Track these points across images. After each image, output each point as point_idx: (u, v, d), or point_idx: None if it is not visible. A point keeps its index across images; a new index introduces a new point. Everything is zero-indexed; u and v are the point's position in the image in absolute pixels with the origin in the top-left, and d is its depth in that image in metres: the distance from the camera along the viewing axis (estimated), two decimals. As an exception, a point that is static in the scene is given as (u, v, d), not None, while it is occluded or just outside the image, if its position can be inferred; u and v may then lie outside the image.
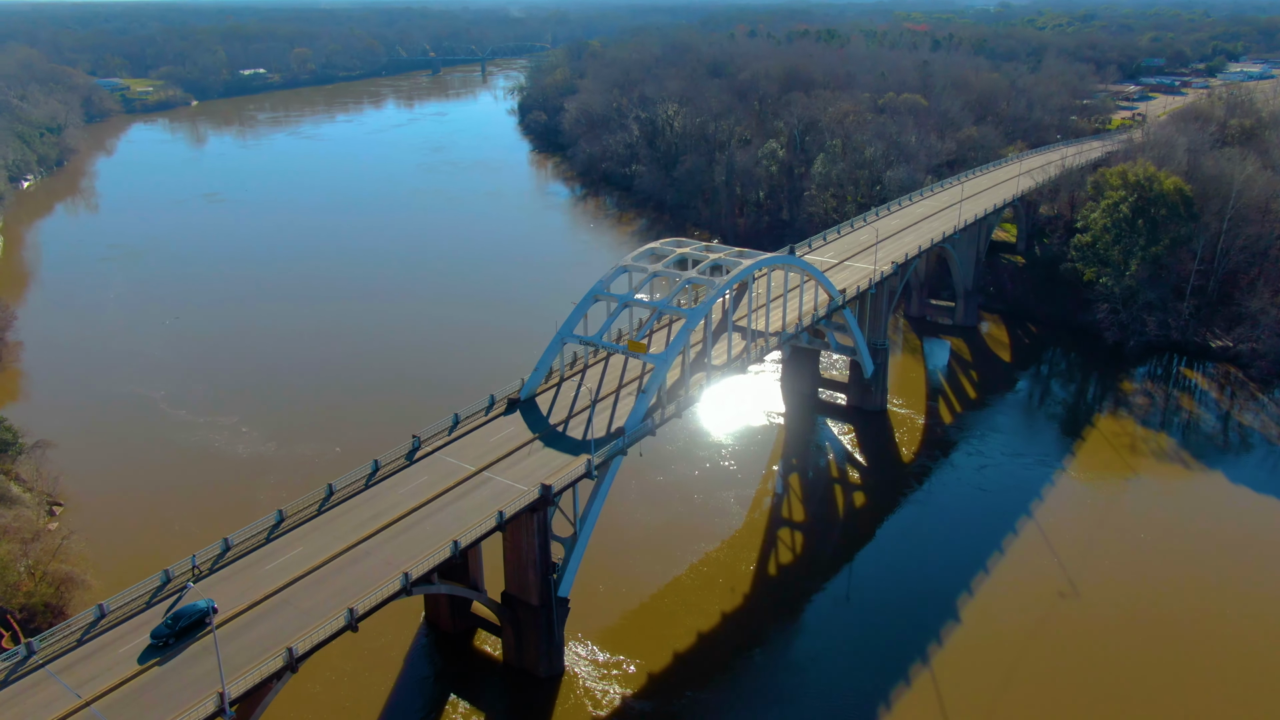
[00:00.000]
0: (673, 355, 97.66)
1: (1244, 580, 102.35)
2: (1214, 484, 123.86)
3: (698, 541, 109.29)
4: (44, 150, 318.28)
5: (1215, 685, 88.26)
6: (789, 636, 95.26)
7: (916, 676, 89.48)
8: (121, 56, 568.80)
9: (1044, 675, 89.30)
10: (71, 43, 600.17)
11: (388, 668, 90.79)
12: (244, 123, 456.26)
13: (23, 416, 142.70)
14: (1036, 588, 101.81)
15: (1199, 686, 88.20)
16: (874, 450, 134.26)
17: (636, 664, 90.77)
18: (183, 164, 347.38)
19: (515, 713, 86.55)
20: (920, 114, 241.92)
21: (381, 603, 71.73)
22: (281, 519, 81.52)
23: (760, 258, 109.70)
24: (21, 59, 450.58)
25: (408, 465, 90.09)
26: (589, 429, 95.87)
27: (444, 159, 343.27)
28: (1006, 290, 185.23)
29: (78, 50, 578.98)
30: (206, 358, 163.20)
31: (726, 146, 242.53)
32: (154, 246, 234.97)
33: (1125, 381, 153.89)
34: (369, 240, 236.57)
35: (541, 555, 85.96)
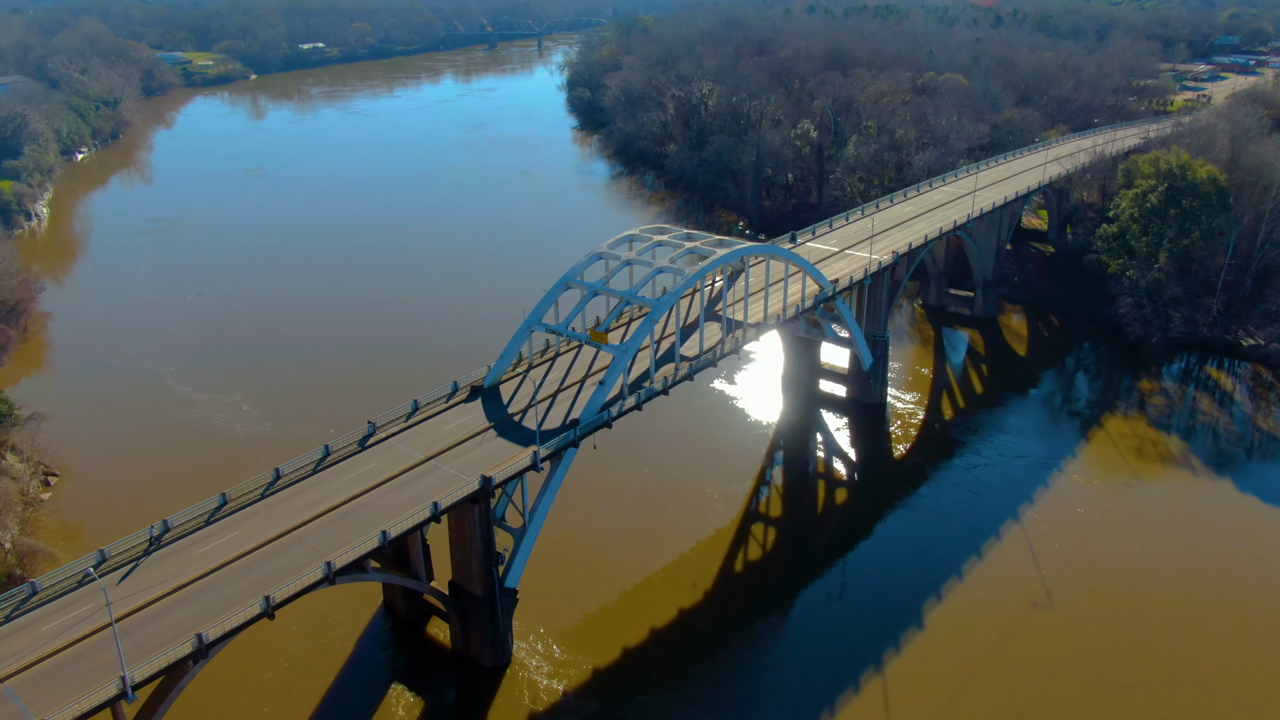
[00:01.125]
0: (634, 346, 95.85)
1: (1232, 600, 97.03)
2: (1220, 492, 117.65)
3: (674, 539, 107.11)
4: (98, 123, 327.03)
5: (1173, 709, 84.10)
6: (748, 643, 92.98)
7: (867, 685, 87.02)
8: (187, 30, 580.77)
9: (997, 690, 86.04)
10: (142, 16, 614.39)
11: (341, 654, 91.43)
12: (297, 97, 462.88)
13: (35, 387, 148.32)
14: (1009, 596, 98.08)
15: (1156, 710, 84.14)
16: (866, 446, 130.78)
17: (589, 662, 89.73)
18: (231, 138, 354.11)
19: (457, 702, 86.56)
20: (959, 95, 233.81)
21: (301, 591, 71.94)
22: (225, 501, 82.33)
23: (738, 247, 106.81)
24: (88, 33, 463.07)
25: (359, 451, 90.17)
26: (546, 419, 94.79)
27: (484, 136, 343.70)
28: (1031, 281, 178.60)
29: (147, 24, 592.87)
30: (221, 334, 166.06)
31: (757, 126, 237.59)
32: (191, 220, 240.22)
33: (1144, 380, 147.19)
34: (400, 217, 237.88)
35: (484, 546, 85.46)
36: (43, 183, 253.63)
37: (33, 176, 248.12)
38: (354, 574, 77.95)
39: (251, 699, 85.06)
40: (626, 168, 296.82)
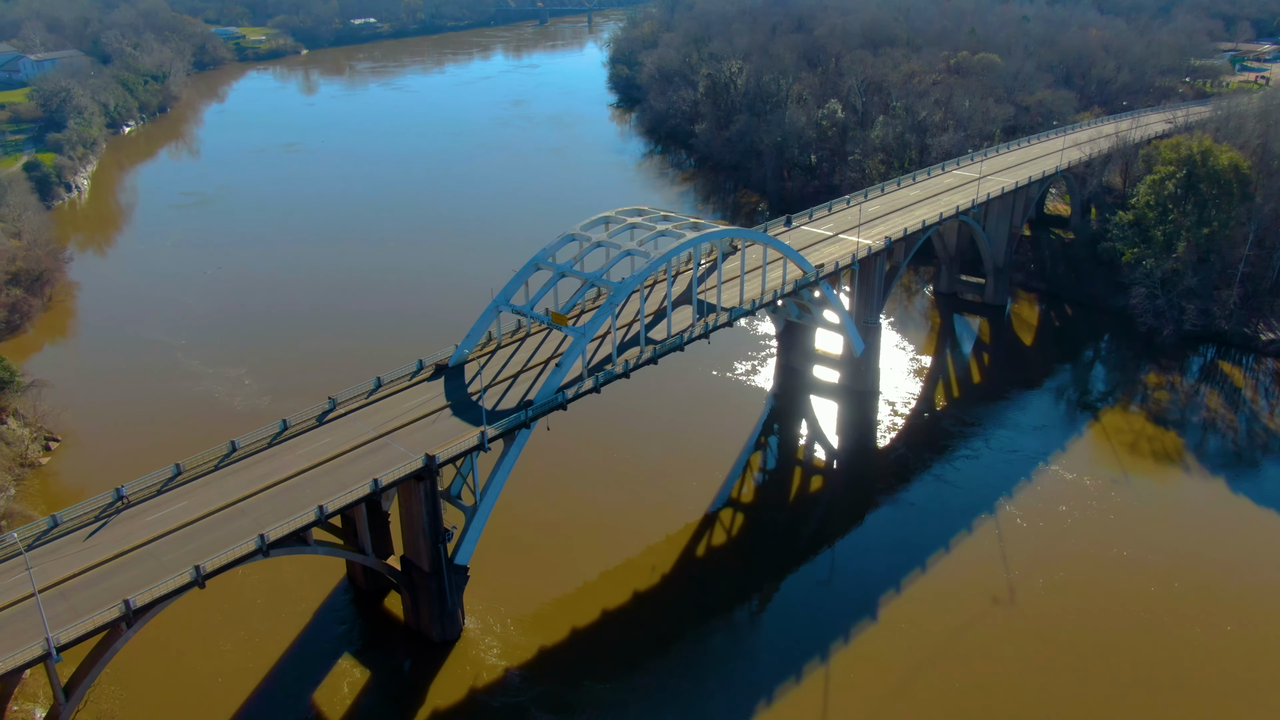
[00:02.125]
0: (593, 329, 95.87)
1: (1203, 607, 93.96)
2: (1210, 492, 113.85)
3: (643, 526, 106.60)
4: (146, 97, 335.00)
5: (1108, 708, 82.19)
6: (702, 634, 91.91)
7: (809, 675, 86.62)
8: (243, 5, 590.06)
9: (939, 686, 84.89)
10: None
11: (300, 625, 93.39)
12: (345, 73, 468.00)
13: (50, 354, 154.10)
14: (971, 592, 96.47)
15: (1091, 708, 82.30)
16: (852, 435, 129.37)
17: (541, 644, 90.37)
18: (274, 113, 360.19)
19: (403, 675, 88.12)
20: (992, 76, 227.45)
21: (234, 562, 73.75)
22: (179, 472, 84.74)
23: (709, 231, 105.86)
24: (145, 8, 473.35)
25: (316, 427, 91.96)
26: (504, 400, 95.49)
27: (520, 113, 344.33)
28: (1047, 269, 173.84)
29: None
30: (234, 308, 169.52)
31: (783, 106, 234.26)
32: (223, 195, 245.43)
33: (1150, 373, 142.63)
34: (425, 193, 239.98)
35: (430, 522, 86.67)
36: (85, 155, 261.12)
37: (75, 149, 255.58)
38: (295, 546, 79.72)
39: (209, 669, 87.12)
40: (658, 146, 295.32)
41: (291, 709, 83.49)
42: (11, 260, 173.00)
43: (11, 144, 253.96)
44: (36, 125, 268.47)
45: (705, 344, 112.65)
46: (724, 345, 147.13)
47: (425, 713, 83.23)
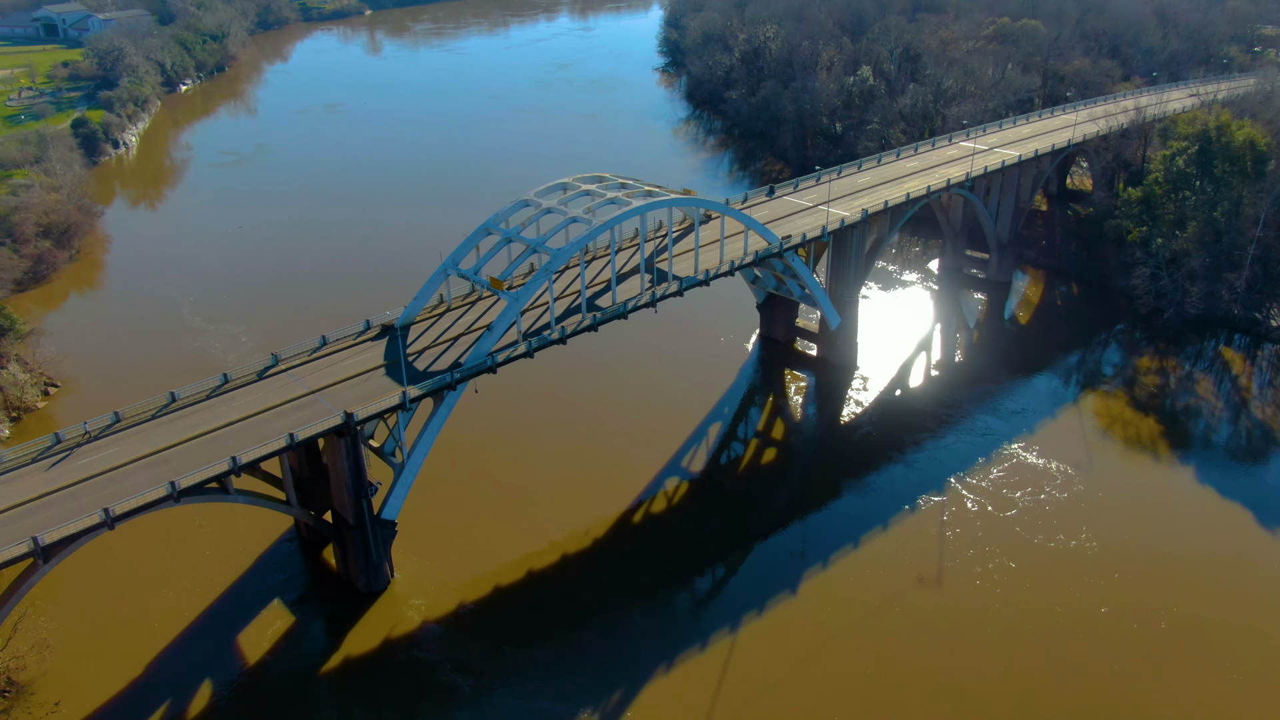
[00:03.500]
0: (526, 295, 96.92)
1: (1135, 602, 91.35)
2: (1176, 483, 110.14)
3: (594, 495, 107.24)
4: (203, 56, 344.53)
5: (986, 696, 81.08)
6: (625, 607, 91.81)
7: (715, 644, 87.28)
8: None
9: (838, 665, 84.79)
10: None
11: (239, 573, 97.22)
12: (403, 34, 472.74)
13: (66, 305, 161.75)
14: (898, 572, 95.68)
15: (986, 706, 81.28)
16: (818, 409, 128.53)
17: (468, 604, 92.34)
18: (325, 73, 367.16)
19: (324, 622, 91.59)
20: (1030, 43, 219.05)
21: (145, 506, 77.50)
22: (117, 419, 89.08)
23: (658, 200, 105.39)
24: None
25: (255, 381, 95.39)
26: (439, 361, 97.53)
27: (564, 76, 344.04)
28: (1058, 246, 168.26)
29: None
30: (248, 266, 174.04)
31: (811, 72, 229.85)
32: (260, 154, 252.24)
33: (1145, 357, 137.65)
34: (453, 155, 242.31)
35: (353, 477, 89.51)
36: (136, 113, 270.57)
37: (126, 107, 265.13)
38: (216, 495, 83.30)
39: (146, 610, 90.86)
40: (695, 112, 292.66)
41: (215, 648, 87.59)
42: (46, 213, 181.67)
43: (67, 101, 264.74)
44: (93, 84, 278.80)
45: (696, 314, 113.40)
46: (710, 315, 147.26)
47: (337, 659, 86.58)
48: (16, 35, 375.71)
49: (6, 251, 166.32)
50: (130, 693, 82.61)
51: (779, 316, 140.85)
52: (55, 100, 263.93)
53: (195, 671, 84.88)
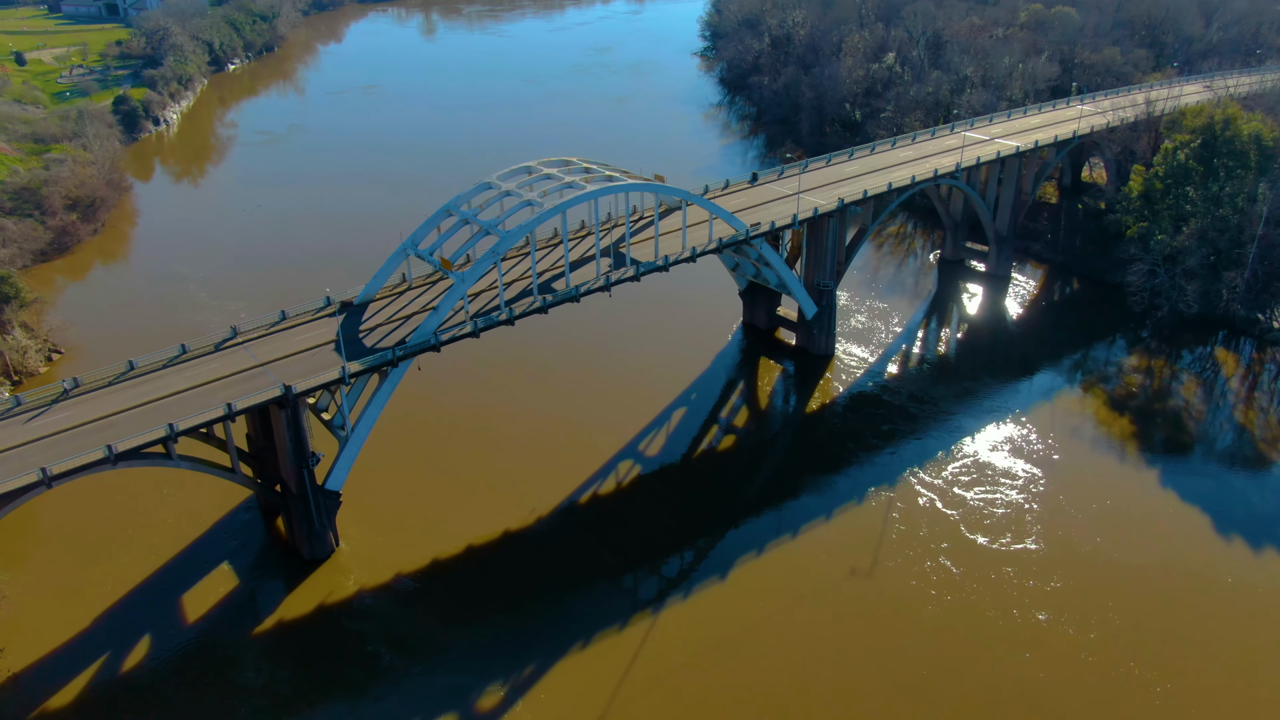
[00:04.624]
0: (473, 276, 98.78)
1: (1075, 607, 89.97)
2: (1138, 486, 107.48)
3: (546, 480, 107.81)
4: (252, 37, 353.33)
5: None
6: (558, 593, 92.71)
7: (635, 625, 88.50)
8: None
9: (748, 657, 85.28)
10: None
11: (194, 536, 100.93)
12: (454, 16, 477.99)
13: (86, 276, 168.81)
14: (831, 563, 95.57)
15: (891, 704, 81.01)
16: (786, 399, 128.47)
17: (405, 577, 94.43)
18: (370, 55, 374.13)
19: (265, 587, 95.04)
20: (1057, 30, 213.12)
21: (82, 468, 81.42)
22: (76, 384, 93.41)
23: (616, 185, 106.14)
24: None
25: (212, 353, 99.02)
26: (388, 338, 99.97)
27: (601, 60, 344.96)
28: (1062, 240, 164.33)
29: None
30: (259, 245, 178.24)
31: (835, 58, 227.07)
32: (291, 134, 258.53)
33: (1133, 356, 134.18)
34: (475, 139, 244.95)
35: (294, 448, 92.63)
36: (179, 92, 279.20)
37: (169, 85, 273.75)
38: (158, 460, 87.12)
39: (99, 573, 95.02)
40: (727, 97, 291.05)
41: (161, 607, 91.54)
42: (77, 187, 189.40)
43: (113, 79, 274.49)
44: (140, 62, 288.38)
45: (683, 300, 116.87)
46: (696, 302, 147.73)
47: (271, 622, 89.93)
48: (81, 14, 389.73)
49: (32, 223, 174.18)
50: (73, 644, 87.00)
51: (760, 304, 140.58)
52: (103, 78, 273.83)
53: (137, 627, 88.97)
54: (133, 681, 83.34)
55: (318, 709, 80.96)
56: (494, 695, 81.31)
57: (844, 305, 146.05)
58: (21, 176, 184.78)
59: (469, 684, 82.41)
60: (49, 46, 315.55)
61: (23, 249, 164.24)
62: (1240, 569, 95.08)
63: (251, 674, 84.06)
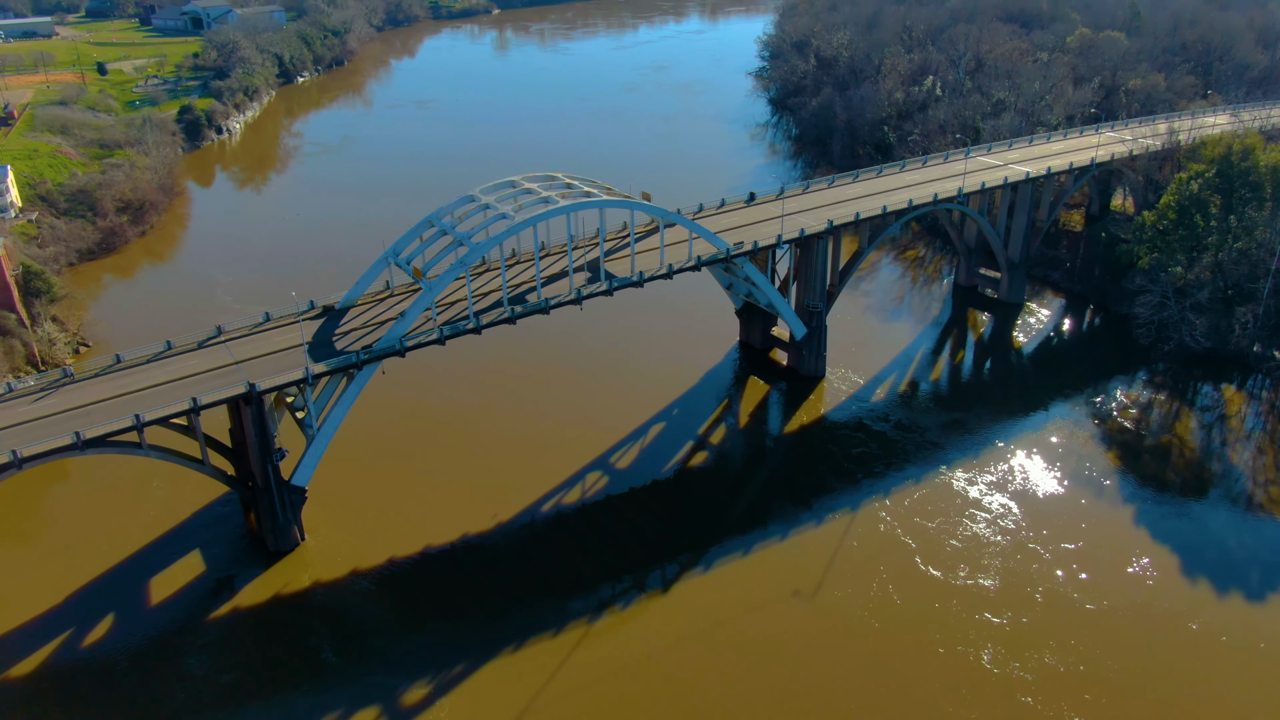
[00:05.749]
0: (440, 285, 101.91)
1: (1026, 644, 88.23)
2: (1110, 525, 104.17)
3: (515, 489, 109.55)
4: (322, 51, 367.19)
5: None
6: (504, 602, 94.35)
7: (568, 632, 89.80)
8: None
9: (669, 672, 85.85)
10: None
11: (172, 524, 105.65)
12: (523, 33, 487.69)
13: (126, 274, 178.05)
14: (774, 584, 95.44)
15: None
16: (768, 418, 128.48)
17: (364, 579, 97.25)
18: (434, 69, 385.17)
19: (228, 575, 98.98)
20: (1099, 55, 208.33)
21: (51, 452, 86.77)
22: (67, 375, 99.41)
23: (593, 200, 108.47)
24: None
25: (195, 349, 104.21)
26: (359, 341, 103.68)
27: (654, 79, 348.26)
28: (1080, 268, 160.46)
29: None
30: (291, 251, 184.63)
31: (873, 80, 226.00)
32: (343, 145, 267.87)
33: (1136, 390, 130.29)
34: (518, 154, 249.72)
35: (259, 443, 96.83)
36: (244, 103, 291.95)
37: (235, 96, 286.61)
38: (128, 448, 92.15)
39: (80, 560, 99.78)
40: (774, 117, 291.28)
41: (128, 589, 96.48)
42: (132, 189, 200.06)
43: (183, 89, 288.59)
44: (211, 74, 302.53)
45: (684, 316, 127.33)
46: (697, 319, 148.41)
47: (225, 609, 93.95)
48: (168, 27, 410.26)
49: (83, 223, 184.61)
50: (40, 619, 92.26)
51: (756, 323, 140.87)
52: (174, 88, 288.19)
53: (103, 607, 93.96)
54: (85, 662, 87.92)
55: (252, 699, 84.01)
56: (418, 694, 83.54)
57: (846, 327, 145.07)
58: (79, 179, 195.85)
59: (398, 684, 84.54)
60: (132, 58, 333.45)
61: (69, 247, 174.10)
62: (1206, 614, 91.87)
63: (196, 660, 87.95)
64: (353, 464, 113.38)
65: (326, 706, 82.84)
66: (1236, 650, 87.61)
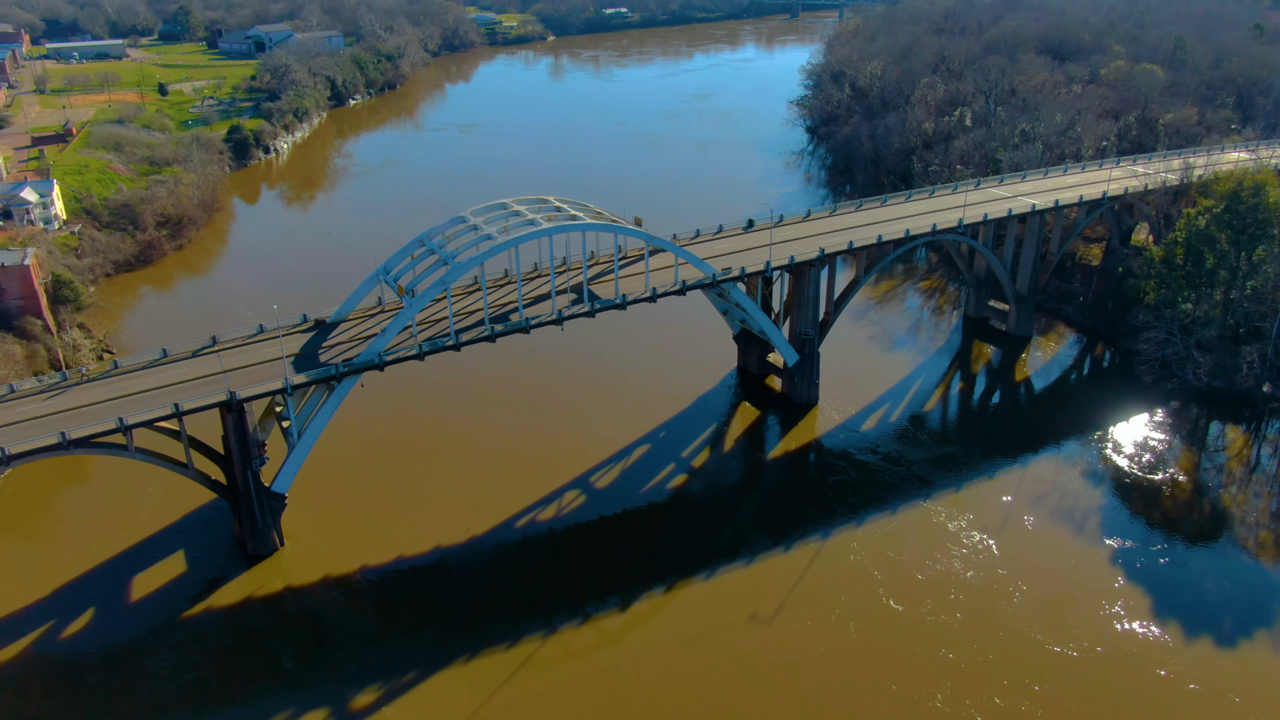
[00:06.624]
0: (421, 302, 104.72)
1: (970, 691, 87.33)
2: (1084, 564, 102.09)
3: (491, 507, 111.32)
4: (374, 74, 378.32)
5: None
6: (464, 619, 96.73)
7: (523, 644, 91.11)
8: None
9: (613, 691, 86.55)
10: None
11: (161, 526, 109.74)
12: (579, 60, 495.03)
13: (158, 284, 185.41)
14: (734, 607, 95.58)
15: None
16: (755, 444, 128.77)
17: (337, 590, 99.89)
18: (482, 95, 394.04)
19: (206, 576, 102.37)
20: (1131, 87, 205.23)
21: (37, 451, 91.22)
22: (64, 379, 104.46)
23: (578, 223, 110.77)
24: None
25: (190, 358, 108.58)
26: (344, 354, 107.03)
27: (695, 107, 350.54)
28: (1092, 302, 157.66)
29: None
30: (314, 269, 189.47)
31: (900, 110, 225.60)
32: (384, 167, 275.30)
33: (1134, 427, 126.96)
34: (553, 177, 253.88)
35: (239, 449, 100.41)
36: (293, 124, 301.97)
37: (284, 118, 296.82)
38: (116, 449, 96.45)
39: (73, 556, 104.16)
40: (809, 145, 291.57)
41: (112, 585, 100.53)
42: (174, 205, 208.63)
43: (236, 110, 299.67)
44: (264, 96, 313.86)
45: (687, 339, 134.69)
46: (699, 343, 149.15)
47: (199, 609, 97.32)
48: (233, 51, 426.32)
49: (123, 236, 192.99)
50: (23, 612, 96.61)
51: (753, 349, 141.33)
52: (227, 109, 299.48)
53: (85, 602, 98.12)
54: (58, 655, 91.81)
55: (209, 699, 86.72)
56: (364, 701, 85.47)
57: (848, 355, 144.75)
58: (124, 194, 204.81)
59: (348, 691, 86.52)
60: (193, 79, 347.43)
61: (106, 258, 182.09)
62: (1176, 660, 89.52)
63: (163, 658, 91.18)
64: (342, 474, 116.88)
65: (273, 710, 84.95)
66: (1205, 699, 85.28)
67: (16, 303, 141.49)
